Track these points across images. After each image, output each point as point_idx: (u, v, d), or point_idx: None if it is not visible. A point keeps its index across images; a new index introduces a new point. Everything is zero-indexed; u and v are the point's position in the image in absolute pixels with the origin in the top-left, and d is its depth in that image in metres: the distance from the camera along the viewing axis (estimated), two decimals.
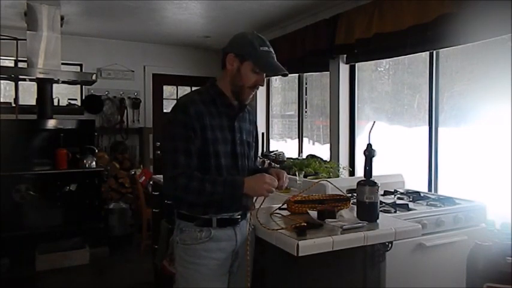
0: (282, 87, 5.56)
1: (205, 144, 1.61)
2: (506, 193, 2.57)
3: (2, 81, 4.76)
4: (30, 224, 4.00)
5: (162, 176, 1.70)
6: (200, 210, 1.64)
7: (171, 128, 1.62)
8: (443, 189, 3.04)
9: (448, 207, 2.38)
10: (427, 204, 2.42)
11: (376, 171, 1.87)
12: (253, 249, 1.81)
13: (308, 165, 3.03)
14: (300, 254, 1.55)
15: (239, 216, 1.71)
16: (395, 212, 2.24)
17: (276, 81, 5.52)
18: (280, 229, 1.70)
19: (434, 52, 3.09)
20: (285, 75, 1.70)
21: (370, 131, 1.85)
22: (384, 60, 3.77)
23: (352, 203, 2.05)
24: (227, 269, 1.71)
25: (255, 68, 1.63)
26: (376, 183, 1.83)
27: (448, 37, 2.81)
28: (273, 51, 1.67)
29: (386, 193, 2.71)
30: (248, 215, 1.78)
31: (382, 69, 3.99)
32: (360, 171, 3.73)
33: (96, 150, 4.64)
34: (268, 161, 3.78)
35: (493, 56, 2.87)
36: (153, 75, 5.84)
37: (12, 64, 4.72)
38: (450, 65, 3.17)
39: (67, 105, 5.19)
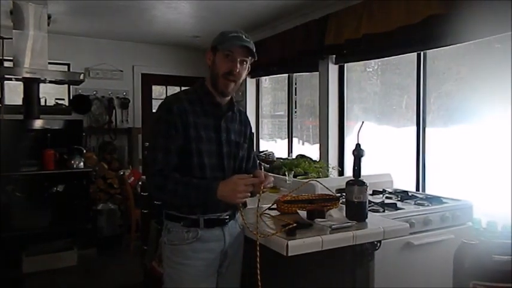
0: (271, 88, 5.57)
1: (188, 142, 1.60)
2: (492, 192, 2.61)
3: None
4: (17, 226, 3.93)
5: None
6: (187, 210, 1.63)
7: (154, 126, 1.65)
8: (430, 189, 3.07)
9: (436, 206, 2.41)
10: (415, 204, 2.45)
11: (364, 171, 1.88)
12: (242, 250, 1.81)
13: (298, 165, 3.04)
14: (289, 254, 1.55)
15: (227, 217, 1.70)
16: (383, 211, 2.26)
17: (266, 81, 5.52)
18: (270, 235, 1.67)
19: (422, 53, 3.13)
20: (252, 55, 1.65)
21: (358, 131, 1.86)
22: (372, 61, 3.80)
23: (341, 203, 2.06)
24: (215, 270, 1.70)
25: (224, 52, 1.62)
26: (364, 182, 1.84)
27: (436, 38, 2.84)
28: (247, 38, 1.64)
29: (375, 192, 2.73)
30: (237, 215, 1.77)
31: (371, 69, 4.03)
32: (349, 171, 3.76)
33: (84, 151, 4.58)
34: (258, 161, 3.78)
35: (479, 57, 2.91)
36: (142, 75, 5.80)
37: None
38: (437, 66, 3.21)
39: (54, 105, 5.12)
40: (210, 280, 1.68)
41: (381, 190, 2.78)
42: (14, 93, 4.84)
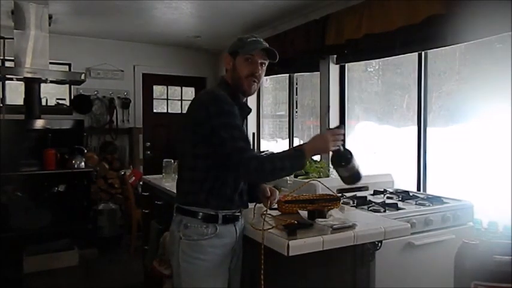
0: (272, 88, 5.57)
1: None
2: (493, 192, 2.61)
3: None
4: (18, 226, 3.94)
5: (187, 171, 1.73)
6: (206, 206, 1.66)
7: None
8: (431, 189, 3.07)
9: (437, 206, 2.40)
10: (416, 204, 2.44)
11: (365, 171, 1.88)
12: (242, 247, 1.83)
13: None
14: (290, 254, 1.55)
15: (239, 214, 1.76)
16: (384, 211, 2.26)
17: (267, 81, 5.52)
18: (270, 228, 1.70)
19: (423, 53, 3.13)
20: (274, 57, 1.75)
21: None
22: (373, 61, 3.80)
23: (341, 203, 2.06)
24: (228, 265, 1.74)
25: (245, 55, 1.70)
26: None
27: (437, 38, 2.84)
28: (263, 41, 1.75)
29: (375, 192, 2.73)
30: (242, 211, 1.82)
31: (372, 69, 4.02)
32: None
33: (85, 151, 4.59)
34: None
35: (480, 57, 2.91)
36: (143, 75, 5.79)
37: None
38: (438, 65, 3.20)
39: (55, 105, 5.12)
40: (225, 275, 1.72)
41: (382, 190, 2.77)
42: (15, 93, 4.85)
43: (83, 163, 4.32)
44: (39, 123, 4.29)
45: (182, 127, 1.72)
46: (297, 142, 4.82)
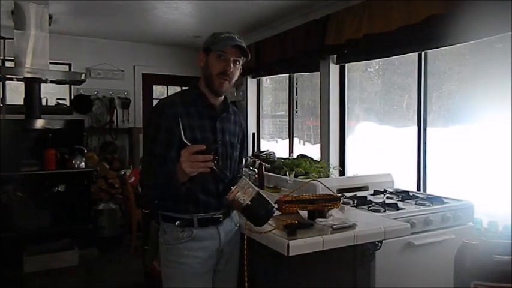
0: (272, 87, 5.57)
1: (184, 145, 1.57)
2: (493, 192, 2.61)
3: None
4: (18, 226, 3.94)
5: None
6: (181, 210, 1.66)
7: (146, 129, 1.73)
8: (431, 189, 3.07)
9: (437, 206, 2.40)
10: (416, 204, 2.44)
11: (365, 171, 1.88)
12: (239, 248, 1.82)
13: (298, 165, 3.04)
14: (290, 254, 1.55)
15: (221, 216, 1.72)
16: (384, 211, 2.26)
17: (267, 81, 5.52)
18: (271, 230, 1.70)
19: (423, 53, 3.13)
20: (245, 55, 1.67)
21: None
22: (373, 61, 3.80)
23: (341, 203, 2.06)
24: (211, 268, 1.72)
25: (217, 52, 1.65)
26: None
27: (437, 38, 2.84)
28: (239, 38, 1.68)
29: (375, 192, 2.73)
30: (232, 213, 1.79)
31: (372, 69, 4.02)
32: (350, 171, 3.75)
33: (85, 151, 4.59)
34: (259, 161, 3.79)
35: (480, 57, 2.91)
36: (143, 75, 5.80)
37: None
38: (438, 65, 3.20)
39: (55, 105, 5.13)
40: (205, 278, 1.71)
41: (382, 190, 2.78)
42: (15, 93, 4.85)
43: (83, 163, 4.31)
44: (39, 123, 4.29)
45: None
46: (297, 142, 4.82)
